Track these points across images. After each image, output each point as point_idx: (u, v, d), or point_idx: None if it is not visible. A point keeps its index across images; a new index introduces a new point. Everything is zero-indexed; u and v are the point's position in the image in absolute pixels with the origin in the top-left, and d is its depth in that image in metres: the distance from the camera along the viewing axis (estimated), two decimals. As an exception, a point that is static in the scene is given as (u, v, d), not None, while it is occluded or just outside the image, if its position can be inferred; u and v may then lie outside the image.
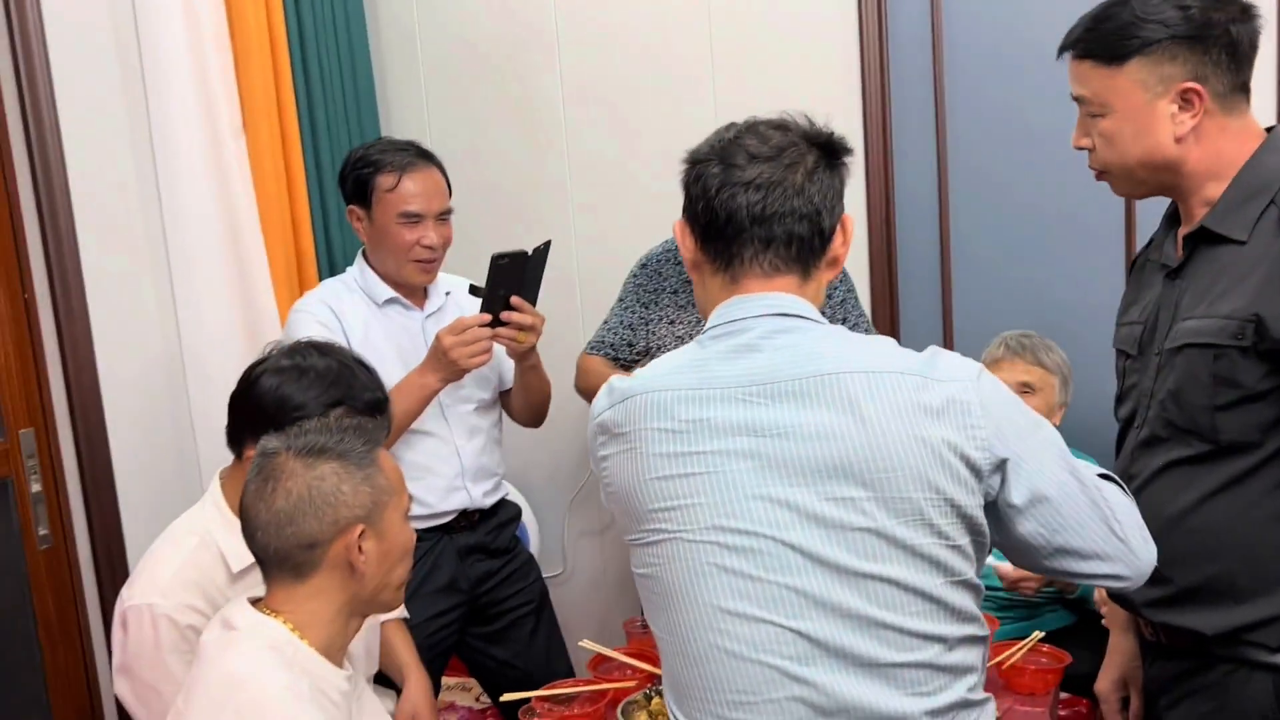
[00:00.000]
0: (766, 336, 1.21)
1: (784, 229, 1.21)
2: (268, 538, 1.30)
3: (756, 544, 1.15)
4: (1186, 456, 1.37)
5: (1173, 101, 1.34)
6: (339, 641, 1.35)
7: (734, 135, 1.25)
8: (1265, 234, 1.30)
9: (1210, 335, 1.32)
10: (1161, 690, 1.46)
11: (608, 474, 1.27)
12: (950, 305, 2.59)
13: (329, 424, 1.38)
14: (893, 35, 2.52)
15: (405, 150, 2.13)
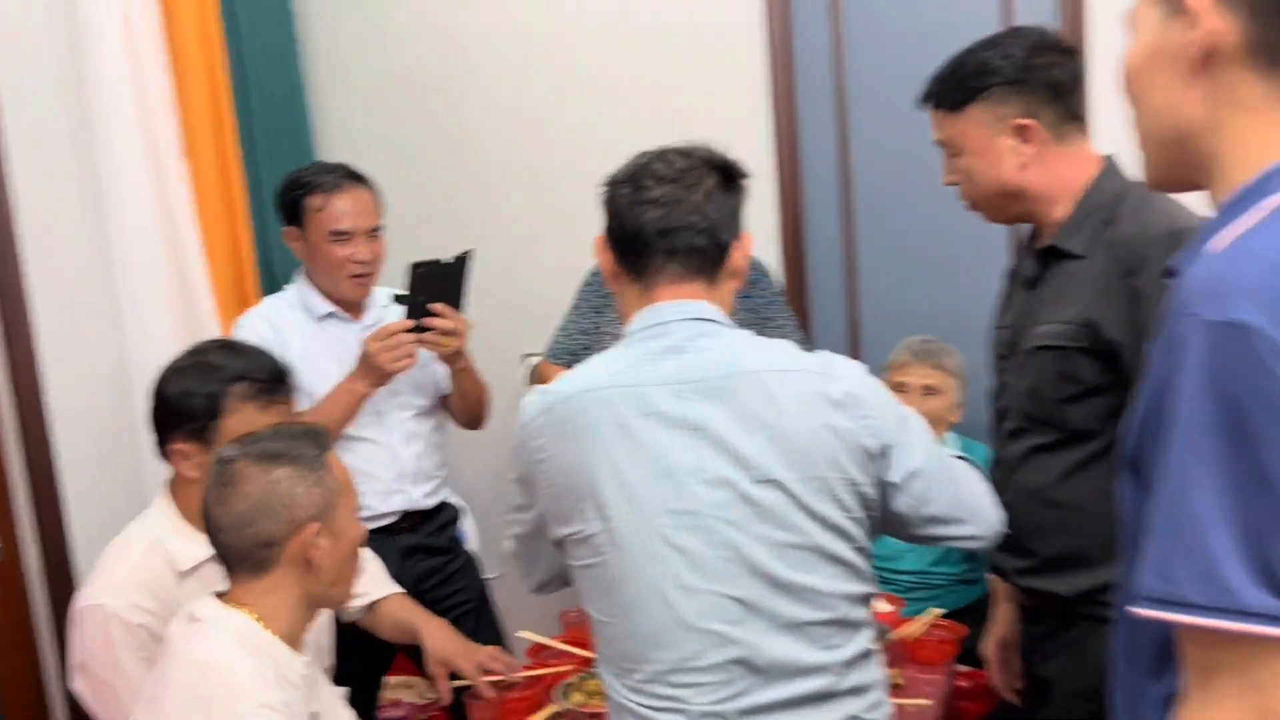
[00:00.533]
0: (690, 339, 1.35)
1: (685, 241, 1.36)
2: (229, 538, 1.41)
3: (701, 523, 1.29)
4: (1044, 444, 1.55)
5: (1011, 137, 1.53)
6: (298, 631, 1.47)
7: (645, 161, 1.41)
8: (1100, 250, 1.49)
9: (1056, 338, 1.50)
10: (1033, 648, 1.65)
11: (548, 473, 1.36)
12: (857, 312, 2.77)
13: (282, 431, 1.49)
14: (799, 59, 2.69)
15: (334, 171, 2.24)
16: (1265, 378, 0.75)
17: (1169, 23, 0.88)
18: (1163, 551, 0.80)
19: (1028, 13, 2.51)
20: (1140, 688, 0.89)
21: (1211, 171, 0.89)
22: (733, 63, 2.74)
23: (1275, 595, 0.75)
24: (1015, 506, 1.59)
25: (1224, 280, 0.79)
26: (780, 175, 2.73)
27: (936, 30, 2.51)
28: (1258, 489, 0.75)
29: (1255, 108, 0.85)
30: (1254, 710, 0.77)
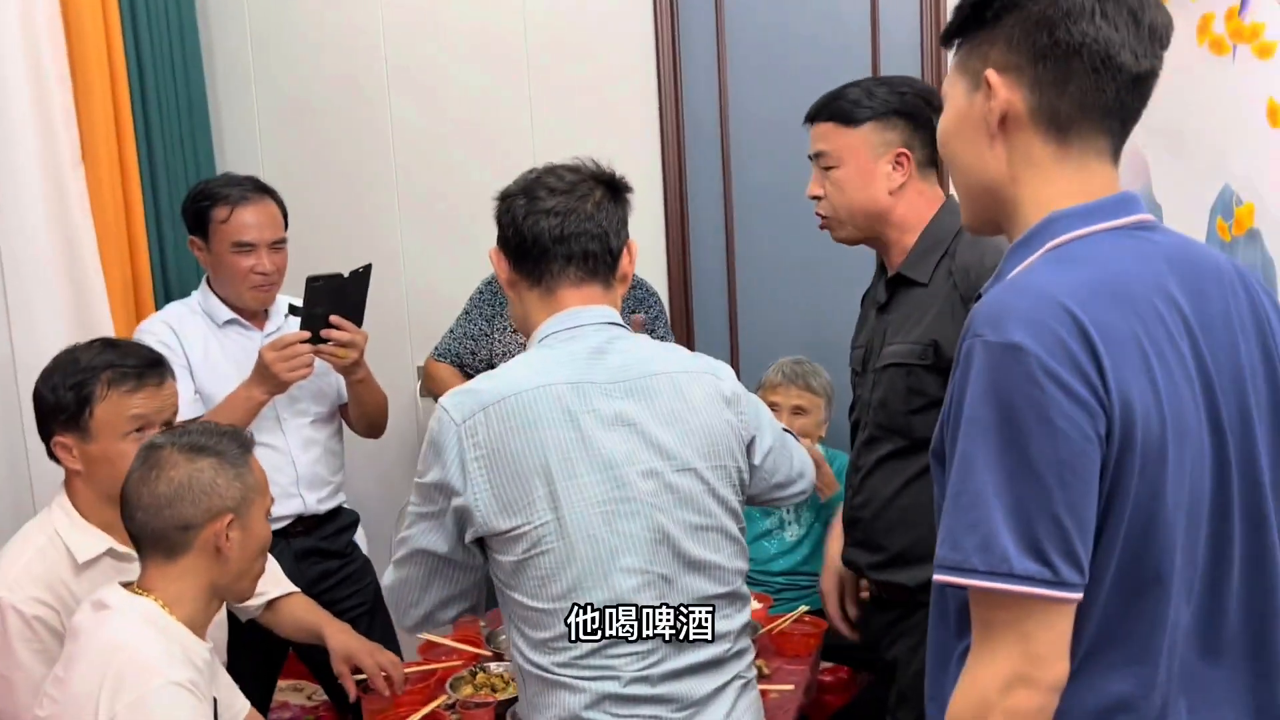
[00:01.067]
0: (608, 342, 1.49)
1: (580, 247, 1.49)
2: (147, 517, 1.49)
3: (637, 509, 1.43)
4: (893, 451, 1.73)
5: (889, 161, 1.72)
6: (202, 619, 1.55)
7: (536, 175, 1.54)
8: (940, 277, 1.69)
9: (904, 356, 1.69)
10: (883, 634, 1.83)
11: (492, 467, 1.41)
12: (737, 334, 2.95)
13: (210, 428, 1.59)
14: (687, 97, 2.87)
15: (241, 185, 2.31)
16: (1033, 387, 0.92)
17: (972, 95, 1.06)
18: (953, 527, 0.96)
19: (891, 59, 2.74)
20: (948, 644, 1.06)
21: (1012, 217, 1.08)
22: (629, 90, 2.90)
23: (1039, 562, 0.92)
24: (868, 507, 1.77)
25: (1003, 308, 0.96)
26: (667, 209, 2.90)
27: (812, 77, 2.70)
28: (1026, 476, 0.93)
29: (1044, 164, 1.04)
30: (1025, 655, 0.94)
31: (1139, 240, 1.03)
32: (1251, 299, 1.08)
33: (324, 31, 3.04)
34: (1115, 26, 1.00)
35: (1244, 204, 2.60)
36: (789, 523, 2.70)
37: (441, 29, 2.99)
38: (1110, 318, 0.95)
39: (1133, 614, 0.98)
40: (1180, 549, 0.99)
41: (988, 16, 1.04)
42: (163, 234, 2.75)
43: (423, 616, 1.55)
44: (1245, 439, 1.03)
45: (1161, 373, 0.97)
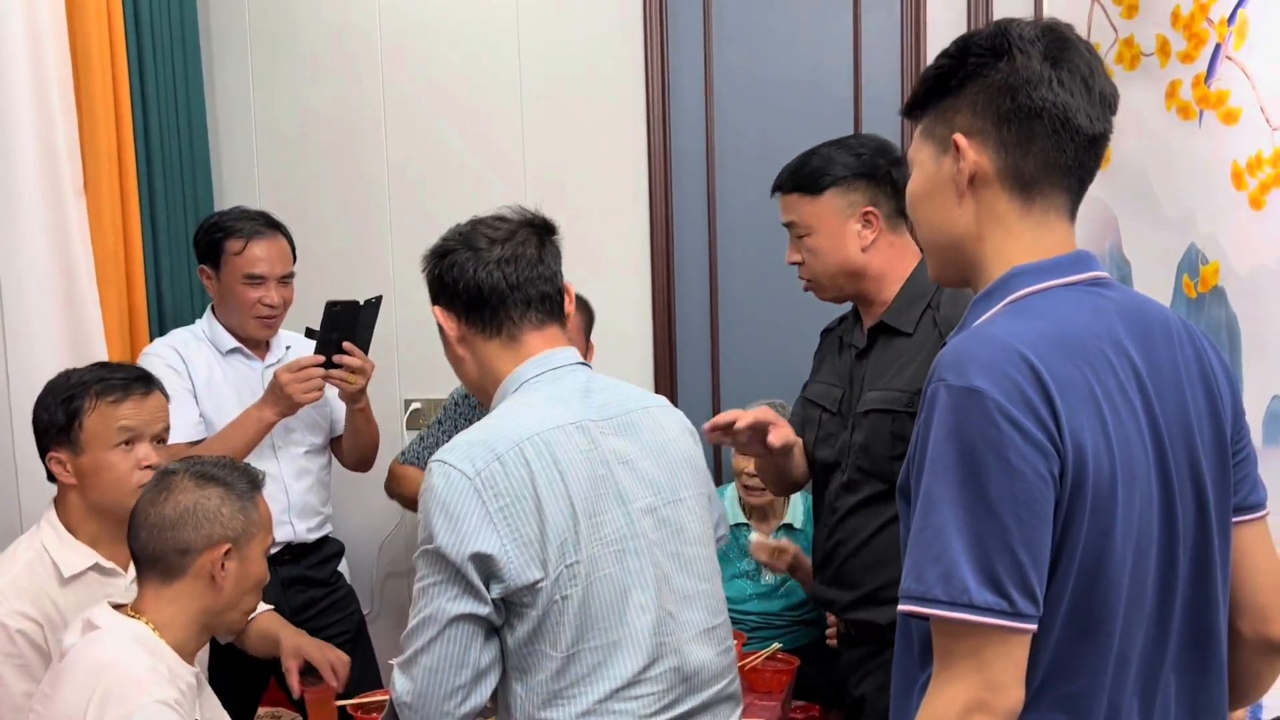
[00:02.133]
0: (589, 381, 1.50)
1: (536, 290, 1.50)
2: (150, 537, 1.55)
3: (641, 545, 1.43)
4: (873, 494, 1.79)
5: (857, 221, 1.79)
6: (190, 646, 1.59)
7: (469, 228, 1.54)
8: (925, 328, 1.76)
9: (889, 403, 1.75)
10: (852, 670, 1.88)
11: (507, 523, 1.35)
12: (718, 372, 3.02)
13: (225, 462, 1.66)
14: (674, 133, 2.96)
15: (255, 219, 2.40)
16: (992, 429, 0.99)
17: (940, 159, 1.14)
18: (917, 560, 1.02)
19: (874, 120, 2.84)
20: (912, 673, 1.12)
21: (978, 271, 1.15)
22: (618, 128, 2.98)
23: (997, 594, 0.98)
24: (845, 546, 1.83)
25: (965, 356, 1.03)
26: (654, 256, 2.98)
27: (795, 133, 2.79)
28: (985, 513, 0.99)
29: (1008, 221, 1.12)
30: (982, 683, 1.00)
31: (1092, 295, 1.10)
32: (1197, 351, 1.15)
33: (322, 67, 3.12)
34: (1071, 93, 1.08)
35: (1209, 262, 2.69)
36: (764, 567, 2.74)
37: (436, 65, 3.07)
38: (1064, 367, 1.02)
39: (1082, 649, 1.04)
40: (1128, 587, 1.05)
41: (951, 85, 1.12)
42: (160, 265, 2.81)
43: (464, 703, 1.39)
44: (1193, 482, 1.10)
45: (1112, 419, 1.03)
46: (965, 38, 1.14)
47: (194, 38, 3.00)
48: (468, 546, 1.34)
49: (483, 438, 1.41)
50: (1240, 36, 2.62)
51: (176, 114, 2.91)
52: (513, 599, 1.38)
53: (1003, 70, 1.09)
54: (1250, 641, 1.18)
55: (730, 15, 2.91)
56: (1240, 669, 1.19)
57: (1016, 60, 1.08)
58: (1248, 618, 1.17)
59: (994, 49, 1.10)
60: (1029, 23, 1.11)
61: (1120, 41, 2.70)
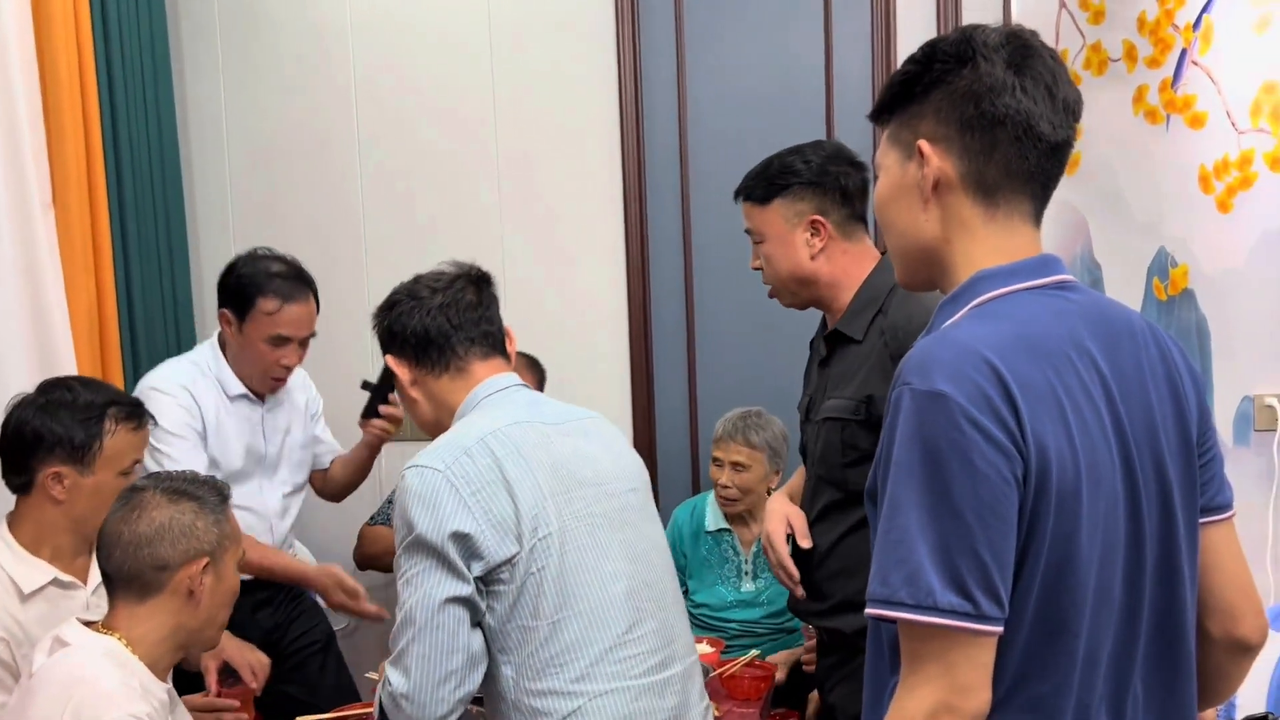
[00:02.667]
0: (534, 399, 1.65)
1: (477, 330, 1.65)
2: (125, 556, 1.53)
3: (611, 521, 1.57)
4: (831, 502, 1.79)
5: (805, 230, 1.80)
6: (164, 663, 1.57)
7: (410, 284, 1.70)
8: (874, 335, 1.76)
9: (840, 411, 1.76)
10: (826, 678, 1.88)
11: (492, 500, 1.47)
12: (695, 385, 3.02)
13: (190, 476, 1.65)
14: (648, 139, 2.96)
15: (289, 278, 2.31)
16: (955, 432, 1.00)
17: (906, 164, 1.15)
18: (882, 563, 1.03)
19: (845, 123, 2.85)
20: (883, 677, 1.11)
21: (945, 274, 1.16)
22: (592, 150, 2.98)
23: (962, 596, 0.98)
24: (811, 555, 1.83)
25: (929, 359, 1.04)
26: (629, 263, 2.97)
27: (768, 138, 2.79)
28: (949, 515, 0.99)
29: (973, 226, 1.12)
30: (949, 685, 1.00)
31: (1057, 299, 1.11)
32: (1162, 353, 1.15)
33: (294, 73, 3.11)
34: (1034, 100, 1.09)
35: (1179, 265, 2.72)
36: (745, 574, 2.74)
37: (409, 71, 3.06)
38: (1028, 369, 1.03)
39: (1050, 651, 1.04)
40: (1095, 589, 1.05)
41: (916, 91, 1.13)
42: (131, 277, 2.79)
43: (459, 688, 1.46)
44: (1159, 484, 1.10)
45: (1076, 421, 1.04)
46: (931, 44, 1.14)
47: (163, 45, 2.98)
48: (447, 527, 1.45)
49: (448, 440, 1.54)
50: (1206, 41, 2.65)
51: (146, 123, 2.88)
52: (491, 576, 1.47)
53: (967, 77, 1.09)
54: (1220, 641, 1.19)
55: (702, 21, 2.92)
56: (1210, 669, 1.19)
57: (980, 67, 1.09)
58: (1217, 618, 1.18)
59: (958, 55, 1.10)
60: (994, 29, 1.12)
61: (1088, 47, 2.72)
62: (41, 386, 1.91)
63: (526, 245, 3.04)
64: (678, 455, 3.04)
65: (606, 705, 1.48)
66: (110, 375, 2.61)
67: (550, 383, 2.94)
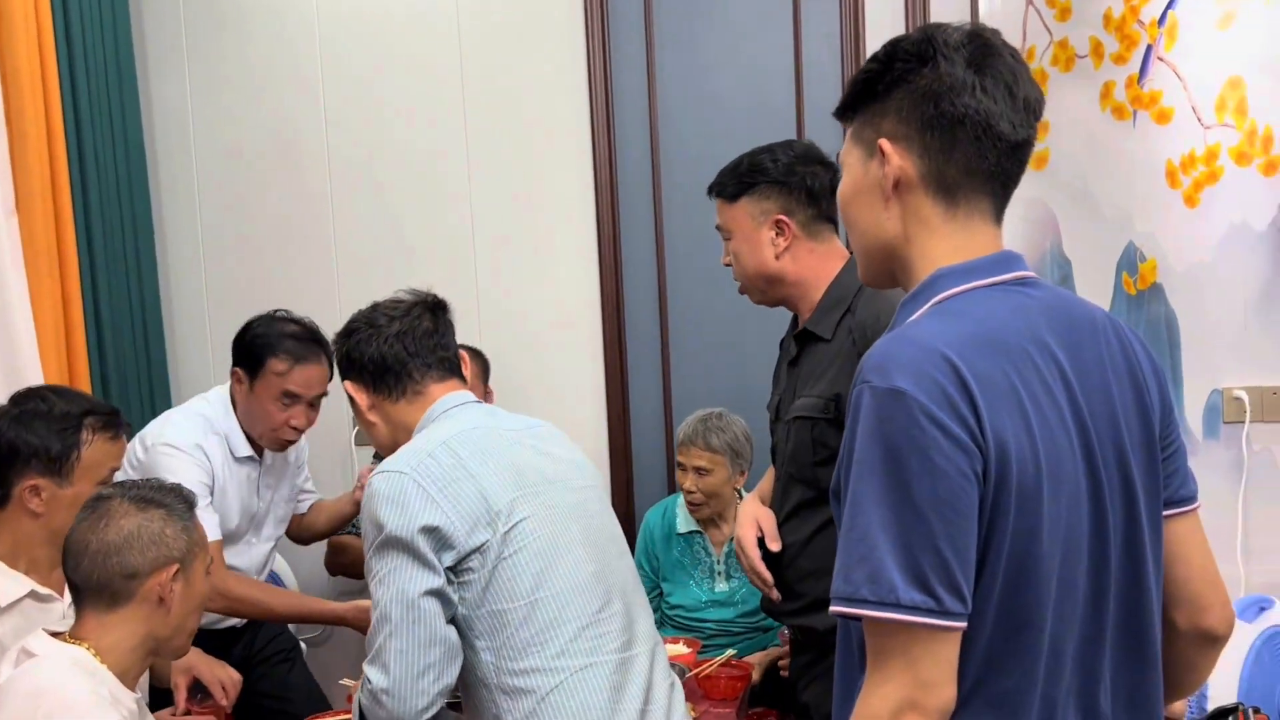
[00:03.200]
0: (491, 412, 1.71)
1: (433, 356, 1.70)
2: (93, 565, 1.51)
3: (575, 512, 1.63)
4: (803, 500, 1.79)
5: (769, 228, 1.80)
6: (133, 671, 1.56)
7: (368, 311, 1.75)
8: (841, 333, 1.76)
9: (809, 410, 1.76)
10: (799, 677, 1.88)
11: (448, 499, 1.51)
12: (669, 385, 3.01)
13: (153, 484, 1.63)
14: (619, 142, 2.96)
15: (303, 340, 2.31)
16: (915, 429, 1.00)
17: (868, 163, 1.15)
18: (845, 561, 1.03)
19: (816, 124, 2.86)
20: (852, 675, 1.11)
21: (906, 272, 1.16)
22: (564, 154, 2.97)
23: (924, 593, 0.98)
24: (783, 554, 1.83)
25: (888, 357, 1.04)
26: (602, 266, 2.97)
27: (739, 139, 2.80)
28: (910, 512, 0.99)
29: (933, 224, 1.13)
30: (913, 681, 1.00)
31: (1016, 295, 1.11)
32: (1124, 346, 1.16)
33: (263, 78, 3.08)
34: (994, 100, 1.09)
35: (1147, 260, 2.74)
36: (718, 575, 2.73)
37: (377, 75, 3.04)
38: (986, 366, 1.03)
39: (1014, 646, 1.04)
40: (1058, 584, 1.05)
41: (878, 90, 1.13)
42: (98, 283, 2.75)
43: (438, 680, 1.48)
44: (1122, 478, 1.11)
45: (1036, 417, 1.04)
46: (893, 43, 1.14)
47: (127, 48, 2.95)
48: (416, 522, 1.49)
49: (410, 447, 1.59)
50: (1171, 38, 2.67)
51: (111, 126, 2.85)
52: (461, 566, 1.51)
53: (927, 76, 1.10)
54: (1186, 633, 1.19)
55: (671, 21, 2.92)
56: (1177, 661, 1.20)
57: (941, 67, 1.09)
58: (1183, 609, 1.18)
59: (919, 55, 1.11)
60: (956, 28, 1.12)
61: (1055, 44, 2.74)
62: (15, 397, 1.88)
63: (499, 247, 3.03)
64: (653, 456, 3.03)
65: (587, 679, 1.53)
66: (77, 383, 2.59)
67: (524, 386, 2.93)
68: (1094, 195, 2.75)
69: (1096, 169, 2.74)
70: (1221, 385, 2.72)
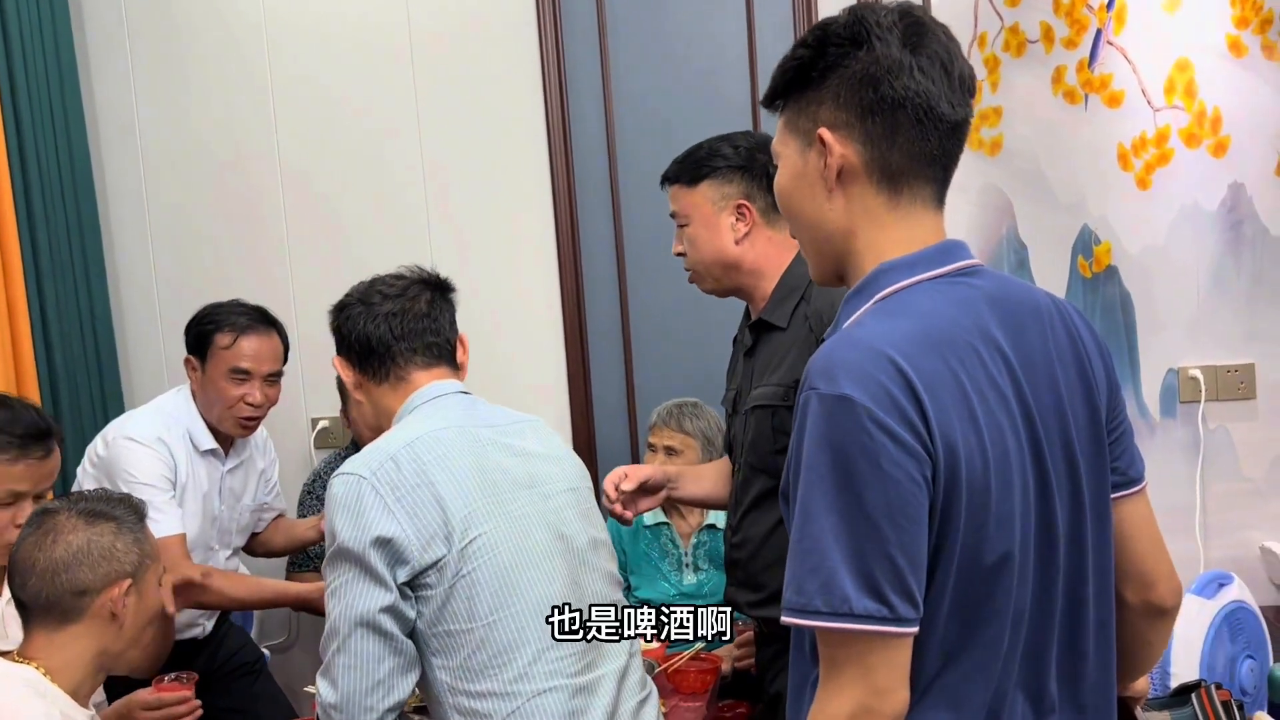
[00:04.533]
0: (473, 403, 1.64)
1: (421, 341, 1.63)
2: (41, 583, 1.46)
3: (547, 521, 1.56)
4: (764, 490, 1.78)
5: (730, 214, 1.80)
6: (85, 689, 1.51)
7: (368, 284, 1.68)
8: (798, 321, 1.76)
9: (768, 399, 1.75)
10: (766, 668, 1.87)
11: (418, 503, 1.45)
12: (632, 377, 3.00)
13: (102, 494, 1.58)
14: (575, 138, 2.93)
15: (248, 314, 2.30)
16: (863, 435, 0.98)
17: (806, 153, 1.11)
18: (796, 571, 1.01)
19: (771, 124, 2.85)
20: (805, 672, 1.11)
21: (851, 267, 1.13)
22: (520, 148, 2.94)
23: (877, 601, 0.97)
24: (744, 546, 1.82)
25: (833, 363, 1.01)
26: (561, 263, 2.94)
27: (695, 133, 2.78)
28: (861, 520, 0.98)
29: (878, 214, 1.09)
30: (868, 688, 0.99)
31: (960, 287, 1.09)
32: (1069, 330, 1.14)
33: (211, 80, 3.01)
34: (931, 80, 1.05)
35: (1101, 243, 2.76)
36: (686, 567, 2.72)
37: (330, 77, 2.99)
38: (931, 365, 1.01)
39: (968, 643, 1.04)
40: (1008, 581, 1.04)
41: (812, 77, 1.09)
42: (44, 292, 2.69)
43: (387, 696, 1.44)
44: (1069, 468, 1.10)
45: (983, 412, 1.03)
46: (822, 25, 1.10)
47: (69, 52, 2.88)
48: (369, 533, 1.43)
49: (375, 447, 1.53)
50: (1120, 21, 2.69)
51: (54, 132, 2.78)
52: (418, 581, 1.45)
53: (863, 60, 1.06)
54: (1136, 607, 1.19)
55: (623, 13, 2.89)
56: (1130, 638, 1.21)
57: (876, 48, 1.06)
58: (1132, 585, 1.19)
59: (852, 37, 1.07)
60: (885, 7, 1.08)
61: (1006, 29, 2.75)
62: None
63: (455, 245, 2.99)
64: (617, 449, 3.02)
65: (545, 704, 1.48)
66: (25, 391, 2.53)
67: (488, 381, 2.89)
68: (1048, 179, 2.77)
69: (1050, 153, 2.76)
70: (1177, 365, 2.76)
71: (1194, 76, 2.66)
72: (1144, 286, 2.76)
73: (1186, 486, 2.73)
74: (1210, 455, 2.75)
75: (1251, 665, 2.43)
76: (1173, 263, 2.73)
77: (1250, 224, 2.70)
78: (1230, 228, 2.71)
